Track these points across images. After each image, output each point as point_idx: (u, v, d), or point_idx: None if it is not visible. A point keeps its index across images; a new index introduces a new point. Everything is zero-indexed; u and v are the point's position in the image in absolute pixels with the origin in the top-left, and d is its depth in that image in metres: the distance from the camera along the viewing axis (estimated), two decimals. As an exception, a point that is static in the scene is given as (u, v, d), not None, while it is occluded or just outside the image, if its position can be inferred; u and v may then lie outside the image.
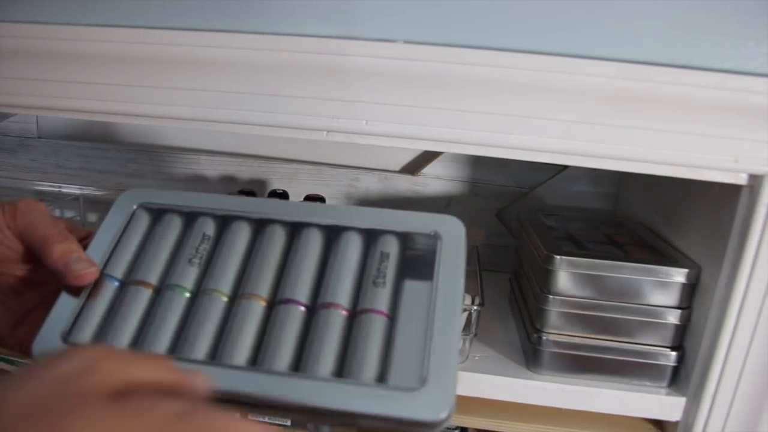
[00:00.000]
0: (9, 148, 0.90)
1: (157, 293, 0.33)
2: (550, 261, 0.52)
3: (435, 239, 0.33)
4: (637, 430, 0.56)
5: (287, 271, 0.33)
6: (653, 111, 0.42)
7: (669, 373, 0.52)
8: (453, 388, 0.27)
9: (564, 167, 0.77)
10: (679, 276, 0.50)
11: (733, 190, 0.45)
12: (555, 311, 0.52)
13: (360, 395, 0.27)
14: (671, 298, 0.51)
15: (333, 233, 0.35)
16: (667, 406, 0.51)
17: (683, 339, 0.52)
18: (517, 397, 0.53)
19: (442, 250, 0.33)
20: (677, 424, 0.51)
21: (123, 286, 0.34)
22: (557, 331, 0.53)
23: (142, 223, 0.37)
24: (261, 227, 0.36)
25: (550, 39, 0.42)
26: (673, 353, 0.51)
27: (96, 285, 0.33)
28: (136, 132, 0.85)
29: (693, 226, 0.55)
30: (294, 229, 0.35)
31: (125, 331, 0.32)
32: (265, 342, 0.30)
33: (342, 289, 0.32)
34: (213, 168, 0.86)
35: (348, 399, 0.27)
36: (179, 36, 0.45)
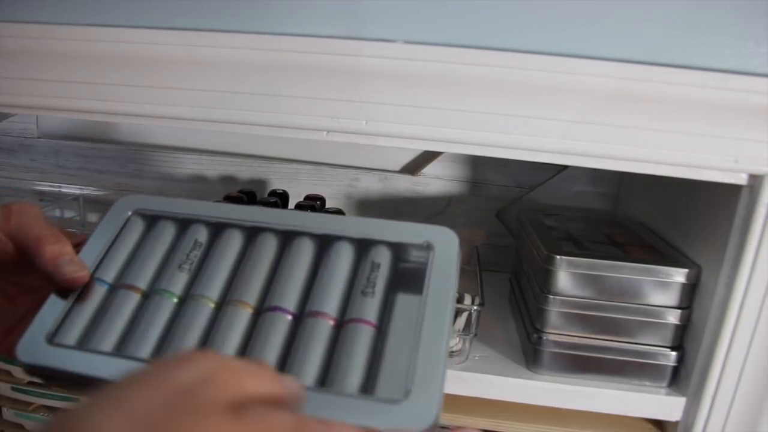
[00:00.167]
0: (9, 148, 0.90)
1: (146, 298, 0.33)
2: (550, 261, 0.52)
3: (427, 250, 0.33)
4: (637, 430, 0.56)
5: (276, 279, 0.33)
6: (653, 111, 0.42)
7: (669, 373, 0.52)
8: (437, 400, 0.27)
9: (564, 167, 0.77)
10: (679, 276, 0.50)
11: (733, 190, 0.45)
12: (555, 311, 0.52)
13: (341, 405, 0.27)
14: (671, 298, 0.51)
15: (325, 242, 0.35)
16: (667, 406, 0.51)
17: (683, 339, 0.52)
18: (517, 397, 0.53)
19: (433, 261, 0.32)
20: (677, 424, 0.51)
21: (112, 289, 0.34)
22: (557, 331, 0.53)
23: (136, 229, 0.37)
24: (253, 235, 0.36)
25: (550, 39, 0.42)
26: (673, 353, 0.51)
27: (85, 288, 0.33)
28: (136, 132, 0.85)
29: (693, 226, 0.55)
30: (286, 238, 0.35)
31: (111, 335, 0.31)
32: (249, 349, 0.30)
33: (330, 299, 0.32)
34: (213, 168, 0.86)
35: (328, 409, 0.27)
36: (179, 36, 0.45)
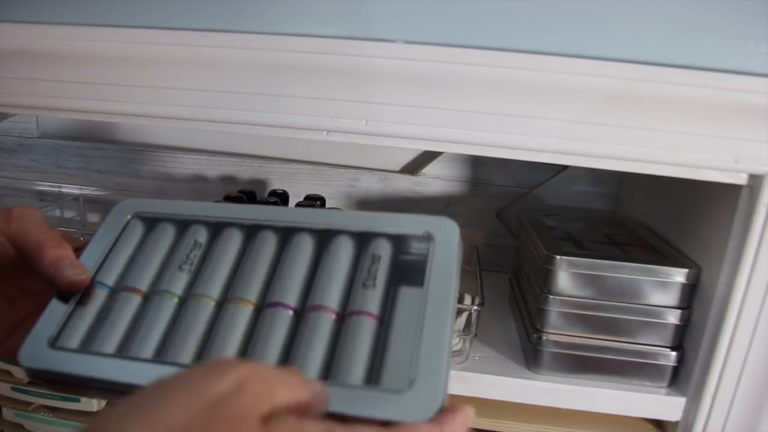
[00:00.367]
0: (9, 148, 0.90)
1: (147, 299, 0.33)
2: (550, 261, 0.52)
3: (428, 241, 0.33)
4: (637, 430, 0.56)
5: (277, 275, 0.33)
6: (653, 111, 0.42)
7: (669, 373, 0.52)
8: (442, 390, 0.27)
9: (564, 167, 0.77)
10: (679, 276, 0.50)
11: (733, 190, 0.45)
12: (555, 311, 0.52)
13: (345, 397, 0.27)
14: (671, 298, 0.51)
15: (325, 237, 0.35)
16: (667, 406, 0.51)
17: (683, 339, 0.52)
18: (517, 397, 0.53)
19: (434, 251, 0.32)
20: (677, 424, 0.51)
21: (113, 292, 0.34)
22: (557, 331, 0.53)
23: (135, 232, 0.37)
24: (253, 233, 0.36)
25: (550, 39, 0.42)
26: (673, 353, 0.51)
27: (86, 292, 0.33)
28: (135, 132, 0.85)
29: (693, 226, 0.55)
30: (285, 235, 0.35)
31: (113, 337, 0.31)
32: (252, 346, 0.30)
33: (331, 292, 0.32)
34: (213, 168, 0.86)
35: (334, 401, 0.27)
36: (179, 36, 0.45)
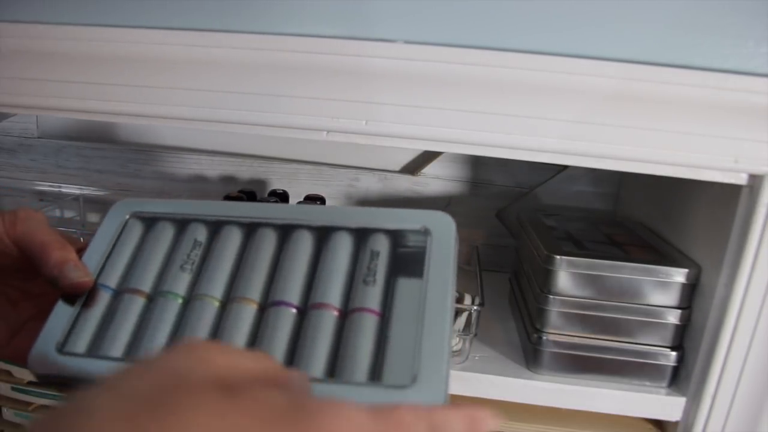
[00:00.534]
0: (9, 148, 0.90)
1: (150, 300, 0.33)
2: (550, 261, 0.52)
3: (425, 235, 0.33)
4: (637, 430, 0.56)
5: (278, 274, 0.33)
6: (653, 111, 0.42)
7: (669, 373, 0.52)
8: (444, 383, 0.27)
9: (564, 167, 0.77)
10: (679, 276, 0.50)
11: (733, 190, 0.45)
12: (555, 311, 0.52)
13: (350, 394, 0.27)
14: (671, 298, 0.51)
15: (323, 234, 0.35)
16: (667, 406, 0.51)
17: (683, 339, 0.52)
18: (517, 397, 0.53)
19: (431, 245, 0.32)
20: (677, 424, 0.51)
21: (116, 294, 0.34)
22: (557, 331, 0.53)
23: (134, 233, 0.37)
24: (252, 231, 0.36)
25: (550, 39, 0.42)
26: (673, 353, 0.51)
27: (90, 295, 0.33)
28: (136, 132, 0.85)
29: (693, 226, 0.55)
30: (284, 232, 0.35)
31: (119, 340, 0.32)
32: (257, 345, 0.30)
33: (333, 290, 0.32)
34: (213, 168, 0.86)
35: (340, 398, 0.27)
36: (179, 36, 0.45)
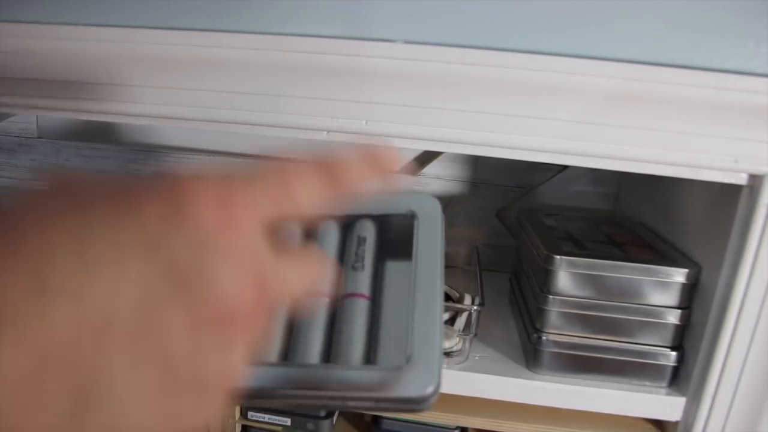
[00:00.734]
0: (9, 148, 0.90)
1: None
2: (550, 261, 0.52)
3: (411, 219, 0.33)
4: (637, 430, 0.56)
5: None
6: (653, 111, 0.42)
7: (669, 373, 0.52)
8: (438, 363, 0.27)
9: (564, 167, 0.77)
10: (679, 276, 0.50)
11: (733, 190, 0.45)
12: (555, 311, 0.52)
13: (348, 378, 0.28)
14: (671, 298, 0.51)
15: (310, 224, 0.35)
16: (667, 406, 0.51)
17: (683, 339, 0.52)
18: (517, 397, 0.53)
19: (419, 228, 0.33)
20: (677, 424, 0.51)
21: None
22: (557, 331, 0.53)
23: None
24: None
25: (550, 39, 0.42)
26: (673, 353, 0.51)
27: None
28: (136, 132, 0.85)
29: (693, 226, 0.55)
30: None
31: None
32: None
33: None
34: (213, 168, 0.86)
35: (335, 382, 0.27)
36: (179, 36, 0.45)
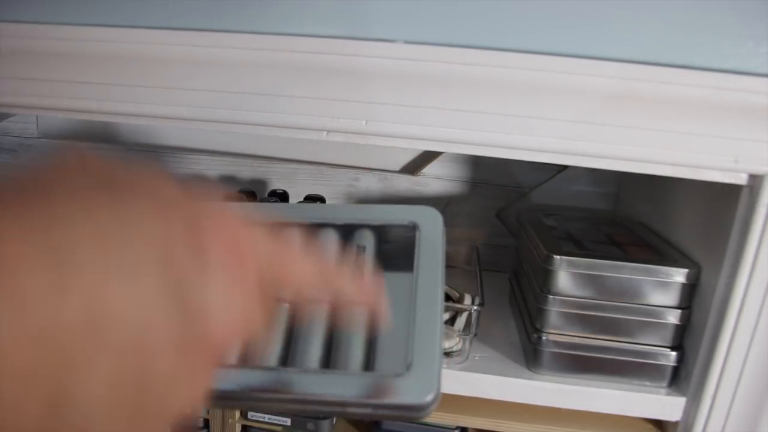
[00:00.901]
0: (9, 148, 0.90)
1: None
2: (550, 261, 0.52)
3: (413, 230, 0.34)
4: (637, 430, 0.56)
5: None
6: (653, 111, 0.42)
7: (669, 373, 0.52)
8: (438, 371, 0.28)
9: (564, 167, 0.77)
10: (679, 276, 0.50)
11: (733, 190, 0.45)
12: (555, 311, 0.52)
13: (346, 384, 0.28)
14: (671, 298, 0.51)
15: (311, 232, 0.36)
16: (667, 406, 0.51)
17: (683, 339, 0.52)
18: (517, 397, 0.53)
19: (420, 239, 0.33)
20: (677, 424, 0.51)
21: None
22: (557, 331, 0.53)
23: None
24: None
25: (550, 39, 0.42)
26: (673, 353, 0.51)
27: None
28: (136, 132, 0.85)
29: (693, 226, 0.55)
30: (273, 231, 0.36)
31: None
32: (254, 340, 0.31)
33: None
34: (213, 168, 0.86)
35: (335, 388, 0.28)
36: (179, 36, 0.45)
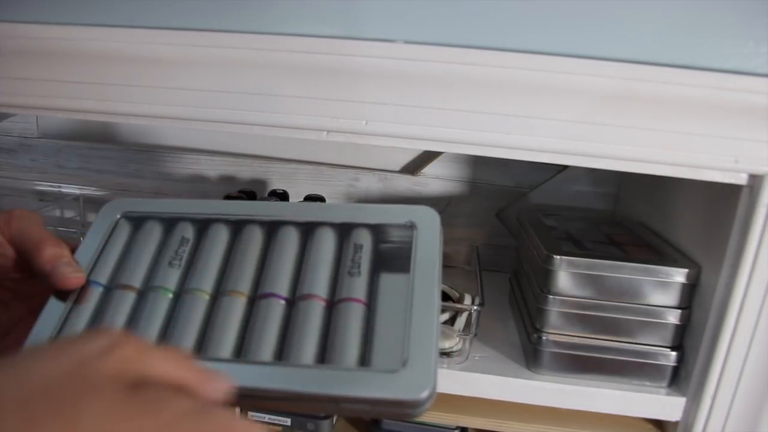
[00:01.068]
0: (9, 148, 0.90)
1: (141, 295, 0.34)
2: (550, 261, 0.52)
3: (410, 229, 0.34)
4: (637, 430, 0.56)
5: (266, 268, 0.34)
6: (653, 111, 0.42)
7: (669, 373, 0.52)
8: (434, 368, 0.28)
9: (564, 167, 0.77)
10: (679, 276, 0.50)
11: (733, 190, 0.45)
12: (555, 311, 0.52)
13: (342, 379, 0.28)
14: (671, 298, 0.51)
15: (308, 230, 0.36)
16: (667, 406, 0.51)
17: (683, 339, 0.52)
18: (517, 397, 0.53)
19: (418, 238, 0.34)
20: (677, 424, 0.51)
21: (107, 290, 0.34)
22: (557, 331, 0.53)
23: (124, 232, 0.38)
24: (239, 228, 0.37)
25: (550, 39, 0.42)
26: (673, 353, 0.51)
27: (82, 291, 0.34)
28: (135, 132, 0.85)
29: (693, 226, 0.55)
30: (271, 228, 0.36)
31: None
32: (249, 335, 0.31)
33: (319, 281, 0.33)
34: (213, 168, 0.86)
35: (330, 383, 0.28)
36: (179, 36, 0.45)
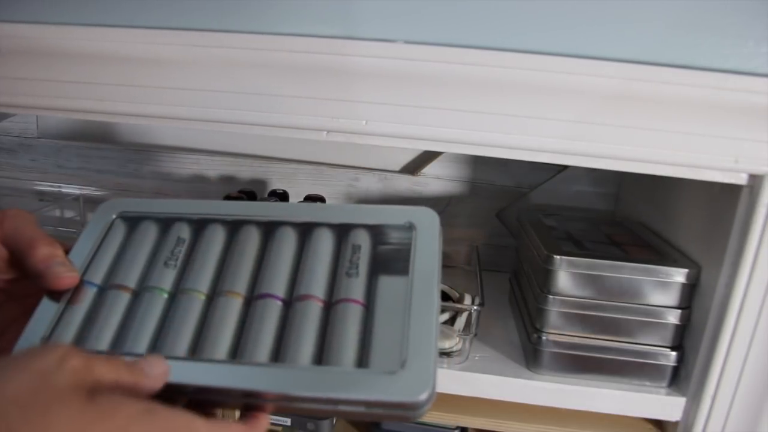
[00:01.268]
0: (9, 148, 0.90)
1: (136, 296, 0.34)
2: (550, 261, 0.52)
3: (409, 230, 0.34)
4: (637, 430, 0.56)
5: (263, 268, 0.34)
6: (653, 111, 0.42)
7: (669, 373, 0.52)
8: (432, 370, 0.27)
9: (564, 167, 0.77)
10: (679, 276, 0.50)
11: (733, 190, 0.45)
12: (555, 311, 0.52)
13: (339, 381, 0.27)
14: (671, 298, 0.51)
15: (306, 230, 0.36)
16: (667, 406, 0.51)
17: (683, 339, 0.52)
18: (517, 397, 0.53)
19: (417, 240, 0.33)
20: (677, 424, 0.51)
21: (101, 290, 0.34)
22: (557, 331, 0.53)
23: (119, 232, 0.37)
24: (236, 228, 0.36)
25: (550, 39, 0.42)
26: (673, 353, 0.51)
27: (76, 291, 0.33)
28: (135, 132, 0.85)
29: (693, 225, 0.55)
30: (268, 229, 0.36)
31: (105, 333, 0.32)
32: (245, 336, 0.31)
33: (317, 282, 0.33)
34: (213, 168, 0.86)
35: (327, 385, 0.27)
36: (179, 36, 0.45)
